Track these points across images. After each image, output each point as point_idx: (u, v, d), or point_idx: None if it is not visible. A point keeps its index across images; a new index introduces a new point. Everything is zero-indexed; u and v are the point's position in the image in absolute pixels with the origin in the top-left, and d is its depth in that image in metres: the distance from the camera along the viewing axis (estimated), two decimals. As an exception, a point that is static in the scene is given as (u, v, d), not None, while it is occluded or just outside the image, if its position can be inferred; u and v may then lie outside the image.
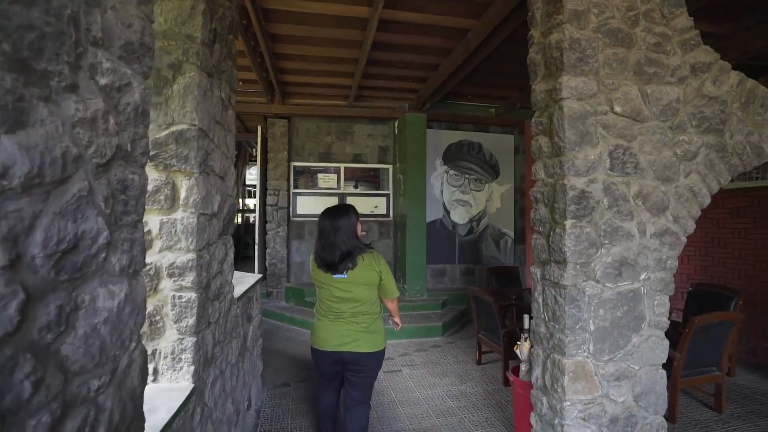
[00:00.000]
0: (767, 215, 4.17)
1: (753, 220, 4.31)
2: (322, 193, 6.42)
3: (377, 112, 6.10)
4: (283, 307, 5.89)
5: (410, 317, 5.26)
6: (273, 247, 6.07)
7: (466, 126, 6.55)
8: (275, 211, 6.08)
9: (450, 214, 6.36)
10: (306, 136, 6.39)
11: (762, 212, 4.23)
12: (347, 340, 2.16)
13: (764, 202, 4.21)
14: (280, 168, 6.08)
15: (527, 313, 4.87)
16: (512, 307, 4.51)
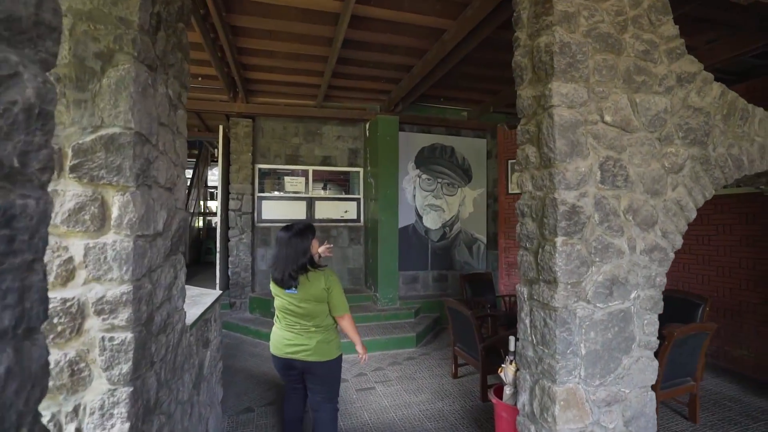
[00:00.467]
0: (729, 223, 4.30)
1: (715, 227, 4.44)
2: (290, 198, 6.10)
3: (348, 113, 5.85)
4: (248, 318, 5.52)
5: (383, 328, 5.05)
6: (236, 255, 5.68)
7: (438, 129, 6.43)
8: (239, 217, 5.69)
9: (422, 219, 6.22)
10: (272, 137, 6.04)
11: (724, 220, 4.35)
12: (298, 348, 2.27)
13: (726, 209, 4.33)
14: (244, 170, 5.70)
15: (502, 323, 4.83)
16: (488, 317, 4.40)
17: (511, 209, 6.05)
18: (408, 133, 6.20)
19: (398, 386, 3.75)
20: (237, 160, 5.69)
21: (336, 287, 2.29)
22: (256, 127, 5.97)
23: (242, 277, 5.70)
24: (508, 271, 6.11)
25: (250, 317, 5.58)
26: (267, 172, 6.11)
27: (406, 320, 5.39)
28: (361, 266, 6.31)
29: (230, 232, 5.65)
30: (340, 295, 2.32)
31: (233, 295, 5.67)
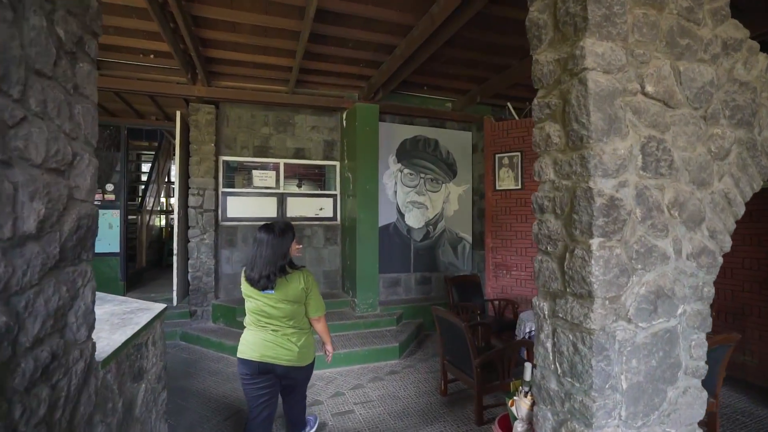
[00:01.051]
0: (730, 220, 4.06)
1: (715, 225, 4.20)
2: (258, 194, 5.52)
3: (323, 101, 5.32)
4: (210, 329, 4.91)
5: (362, 337, 4.57)
6: (197, 258, 5.06)
7: (421, 120, 6.00)
8: (200, 215, 5.07)
9: (404, 217, 5.77)
10: (238, 126, 5.44)
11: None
12: (280, 353, 2.20)
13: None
14: (206, 163, 5.08)
15: (493, 330, 4.42)
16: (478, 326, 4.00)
17: (499, 206, 5.69)
18: (389, 124, 5.74)
19: (381, 408, 3.28)
20: (198, 150, 5.06)
21: (314, 288, 2.28)
22: (220, 115, 5.36)
23: (204, 282, 5.09)
24: (495, 272, 5.75)
25: (213, 327, 4.98)
26: (233, 165, 5.51)
27: (387, 328, 4.93)
28: (337, 268, 5.81)
29: (190, 231, 5.03)
30: (318, 295, 2.31)
31: (194, 303, 5.05)
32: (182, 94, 4.77)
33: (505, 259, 5.68)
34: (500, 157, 5.74)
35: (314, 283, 2.28)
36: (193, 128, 5.04)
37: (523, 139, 5.58)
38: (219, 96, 4.90)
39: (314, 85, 5.32)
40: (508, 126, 5.73)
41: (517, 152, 5.60)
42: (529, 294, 5.47)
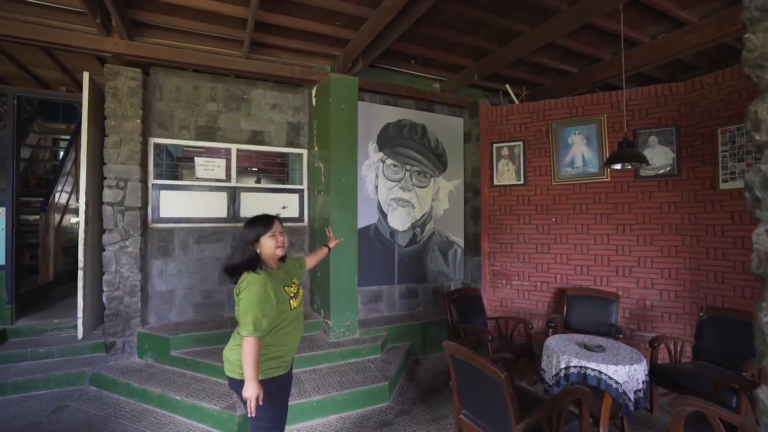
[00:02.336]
0: None
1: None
2: (203, 187, 4.31)
3: (287, 70, 4.22)
4: (133, 367, 3.66)
5: (339, 373, 3.53)
6: (116, 271, 3.79)
7: (407, 102, 5.04)
8: (120, 214, 3.80)
9: (387, 217, 4.79)
10: (176, 100, 4.21)
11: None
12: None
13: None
14: (129, 145, 3.82)
15: (512, 361, 3.44)
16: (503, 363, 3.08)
17: (497, 205, 4.85)
18: (369, 104, 4.73)
19: (376, 493, 2.28)
20: (117, 128, 3.79)
21: (246, 294, 1.79)
22: (151, 84, 4.11)
23: (126, 304, 3.82)
24: (493, 282, 4.91)
25: (138, 365, 3.73)
26: (168, 150, 4.27)
27: (370, 357, 3.92)
28: (305, 281, 4.72)
29: (106, 236, 3.75)
30: (246, 306, 1.78)
31: (110, 332, 3.77)
32: (91, 49, 3.48)
33: (504, 267, 4.85)
34: (498, 147, 4.91)
35: (250, 288, 1.79)
36: (110, 98, 3.76)
37: (525, 126, 4.77)
38: (146, 55, 3.66)
39: (276, 51, 4.21)
40: (507, 111, 4.90)
41: (518, 141, 4.79)
42: (533, 308, 4.67)
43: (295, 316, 1.99)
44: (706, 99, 3.85)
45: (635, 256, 4.21)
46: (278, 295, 1.87)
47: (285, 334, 1.93)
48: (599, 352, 2.85)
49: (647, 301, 4.16)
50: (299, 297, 2.03)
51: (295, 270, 2.19)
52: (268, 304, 1.80)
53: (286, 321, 1.92)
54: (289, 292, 1.97)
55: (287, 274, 2.08)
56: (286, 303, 1.92)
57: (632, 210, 4.23)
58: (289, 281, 2.04)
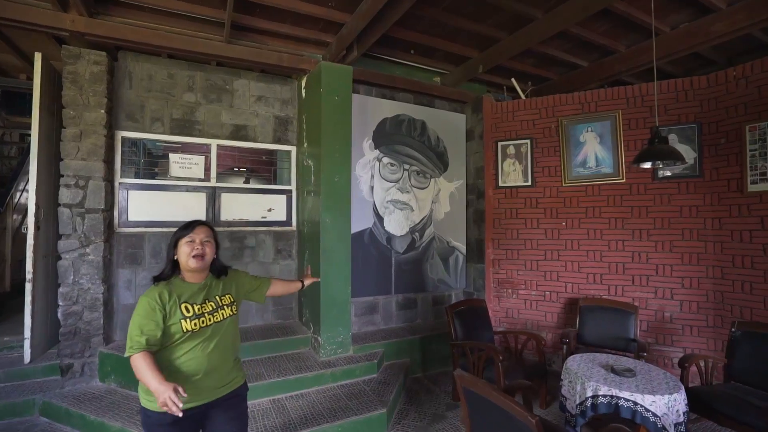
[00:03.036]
0: None
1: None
2: (179, 188, 3.86)
3: (274, 57, 3.80)
4: (92, 394, 3.18)
5: (331, 398, 3.11)
6: (75, 283, 3.31)
7: (405, 96, 4.65)
8: (79, 217, 3.33)
9: (383, 221, 4.38)
10: (148, 90, 3.76)
11: None
12: None
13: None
14: (91, 138, 3.35)
15: (532, 389, 3.00)
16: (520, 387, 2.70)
17: (503, 208, 4.49)
18: (364, 97, 4.33)
19: None
20: (77, 119, 3.32)
21: (133, 315, 1.56)
22: (119, 70, 3.65)
23: (85, 319, 3.34)
24: (498, 291, 4.54)
25: (99, 390, 3.25)
26: (140, 145, 3.81)
27: (365, 377, 3.51)
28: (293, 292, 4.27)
29: (62, 243, 3.27)
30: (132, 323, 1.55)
31: (67, 353, 3.29)
32: (44, 26, 3.00)
33: (510, 275, 4.48)
34: (504, 146, 4.55)
35: (136, 311, 1.57)
36: (69, 85, 3.29)
37: (533, 122, 4.42)
38: (110, 36, 3.19)
39: (262, 36, 3.79)
40: (513, 107, 4.55)
41: (525, 139, 4.44)
42: (542, 320, 4.31)
43: (196, 339, 1.64)
44: (732, 93, 3.54)
45: (653, 263, 3.88)
46: (169, 311, 1.58)
47: (177, 358, 1.60)
48: (630, 377, 2.49)
49: (666, 312, 3.82)
50: (212, 318, 1.69)
51: (235, 288, 1.88)
52: (152, 320, 1.54)
53: (178, 344, 1.60)
54: (190, 310, 1.63)
55: (212, 290, 1.76)
56: (177, 323, 1.58)
57: (650, 214, 3.90)
58: (202, 299, 1.70)
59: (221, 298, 1.77)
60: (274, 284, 2.10)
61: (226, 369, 1.76)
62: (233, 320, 1.81)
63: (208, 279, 1.78)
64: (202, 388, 1.67)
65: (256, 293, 2.00)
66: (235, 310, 1.83)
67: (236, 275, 1.93)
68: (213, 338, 1.69)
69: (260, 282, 2.03)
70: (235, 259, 4.04)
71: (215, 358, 1.70)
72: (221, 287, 1.81)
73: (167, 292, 1.62)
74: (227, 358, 1.78)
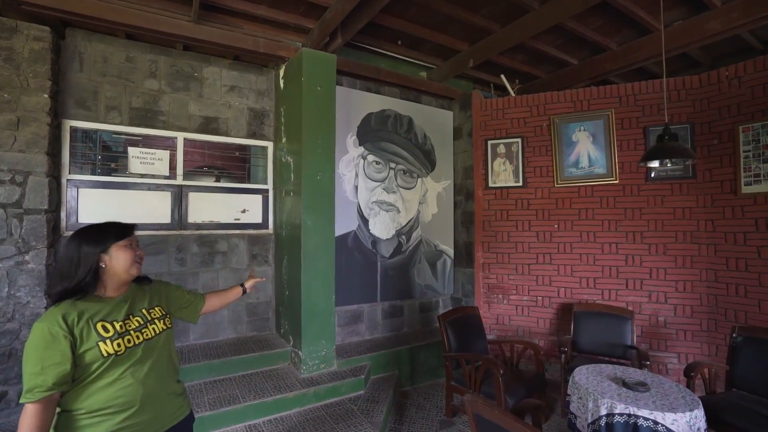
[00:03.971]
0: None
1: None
2: (140, 186, 3.41)
3: (249, 42, 3.43)
4: (31, 425, 2.69)
5: (314, 422, 2.77)
6: (10, 296, 2.81)
7: (391, 90, 4.38)
8: (16, 219, 2.83)
9: (368, 223, 4.08)
10: (103, 74, 3.30)
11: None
12: None
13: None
14: (32, 127, 2.87)
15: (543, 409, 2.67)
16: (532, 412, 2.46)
17: (493, 210, 4.29)
18: (347, 90, 4.02)
19: None
20: (13, 104, 2.83)
21: (26, 343, 1.22)
22: (67, 50, 3.18)
23: (23, 339, 2.84)
24: (488, 297, 4.33)
25: (39, 421, 2.76)
26: (91, 137, 3.34)
27: (351, 395, 3.19)
28: (269, 300, 3.91)
29: (-6, 249, 2.77)
30: (25, 358, 1.21)
31: (0, 379, 2.78)
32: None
33: (501, 280, 4.28)
34: (494, 145, 4.36)
35: (32, 337, 1.21)
36: (2, 63, 2.80)
37: (524, 120, 4.25)
38: (56, 7, 2.73)
39: (236, 19, 3.41)
40: (503, 104, 4.37)
41: (516, 138, 4.26)
42: (534, 326, 4.14)
43: (122, 363, 1.30)
44: (725, 94, 3.49)
45: (647, 267, 3.78)
46: (80, 335, 1.24)
47: (100, 393, 1.26)
48: (644, 392, 2.30)
49: (660, 317, 3.73)
50: (140, 336, 1.37)
51: (165, 301, 1.58)
52: (55, 350, 1.20)
53: (99, 375, 1.26)
54: (109, 330, 1.30)
55: (135, 302, 1.44)
56: (93, 348, 1.25)
57: (643, 216, 3.80)
58: (124, 314, 1.37)
59: (149, 312, 1.45)
60: (209, 299, 1.78)
61: (166, 396, 1.43)
62: (168, 335, 1.49)
63: (130, 290, 1.45)
64: (138, 426, 1.31)
65: (189, 311, 1.68)
66: (169, 323, 1.51)
67: (163, 286, 1.62)
68: (146, 360, 1.36)
69: (194, 298, 1.71)
70: (205, 266, 3.62)
71: (151, 383, 1.36)
72: (147, 299, 1.48)
73: (75, 311, 1.26)
74: (167, 383, 1.44)
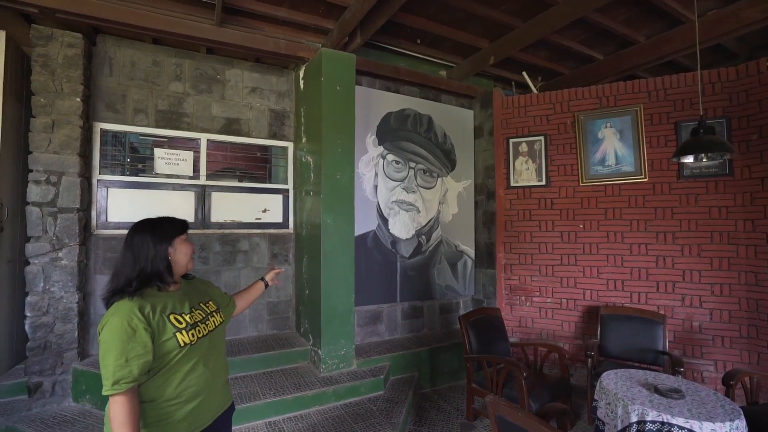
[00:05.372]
0: None
1: None
2: (165, 186, 3.52)
3: (270, 43, 3.48)
4: (64, 417, 2.81)
5: (333, 421, 2.76)
6: (45, 291, 2.94)
7: (410, 89, 4.36)
8: (50, 217, 2.97)
9: (388, 223, 4.06)
10: (131, 78, 3.42)
11: None
12: None
13: None
14: (66, 129, 3.00)
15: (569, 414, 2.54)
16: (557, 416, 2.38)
17: (515, 209, 4.20)
18: (367, 90, 4.02)
19: None
20: (48, 108, 2.96)
21: (105, 333, 1.20)
22: (98, 55, 3.31)
23: (57, 332, 2.97)
24: (510, 299, 4.23)
25: (72, 412, 2.88)
26: (120, 138, 3.46)
27: (371, 395, 3.17)
28: (289, 299, 3.94)
29: (30, 246, 2.90)
30: (104, 350, 1.19)
31: (35, 370, 2.91)
32: None
33: (523, 281, 4.18)
34: (516, 143, 4.27)
35: (107, 334, 1.19)
36: (39, 69, 2.94)
37: (547, 118, 4.15)
38: (86, 13, 2.85)
39: (257, 22, 3.47)
40: (525, 102, 4.27)
41: (539, 136, 4.16)
42: (558, 329, 4.01)
43: (195, 354, 1.34)
44: (765, 86, 3.30)
45: (679, 268, 3.60)
46: (157, 326, 1.27)
47: (175, 383, 1.29)
48: (678, 399, 2.18)
49: (695, 321, 3.54)
50: (205, 328, 1.42)
51: (214, 296, 1.63)
52: (138, 343, 1.21)
53: (174, 365, 1.29)
54: (181, 321, 1.33)
55: (192, 297, 1.47)
56: (171, 338, 1.28)
57: (675, 215, 3.63)
58: (188, 308, 1.40)
59: (206, 305, 1.50)
60: (237, 302, 1.79)
61: (223, 384, 1.50)
62: (223, 329, 1.56)
63: (183, 285, 1.49)
64: (203, 411, 1.37)
65: (226, 311, 1.70)
66: (223, 316, 1.57)
67: (207, 284, 1.65)
68: (211, 350, 1.42)
69: (229, 299, 1.75)
70: (227, 265, 3.69)
71: (216, 372, 1.44)
72: (200, 294, 1.53)
73: (148, 305, 1.28)
74: (221, 373, 1.50)
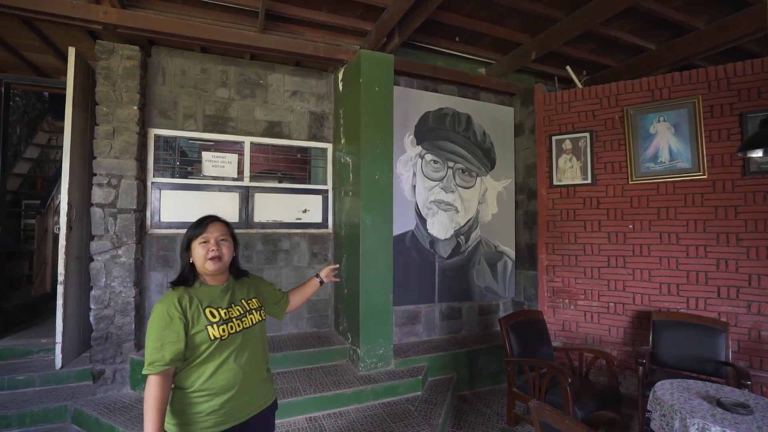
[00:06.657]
0: None
1: None
2: (211, 187, 3.69)
3: (310, 47, 3.56)
4: (123, 403, 3.02)
5: (371, 420, 2.79)
6: (106, 285, 3.18)
7: (448, 88, 4.31)
8: (111, 218, 3.20)
9: (426, 223, 4.04)
10: (181, 85, 3.62)
11: None
12: None
13: None
14: (124, 136, 3.23)
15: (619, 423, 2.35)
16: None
17: (558, 209, 4.04)
18: (405, 89, 4.02)
19: None
20: (110, 116, 3.20)
21: (149, 320, 1.35)
22: (152, 66, 3.53)
23: (117, 324, 3.20)
24: (552, 301, 4.08)
25: (131, 398, 3.09)
26: (171, 143, 3.68)
27: (408, 395, 3.17)
28: (329, 298, 4.02)
29: (94, 244, 3.15)
30: (148, 335, 1.33)
31: (99, 359, 3.15)
32: (76, 18, 2.88)
33: (567, 284, 4.02)
34: (559, 141, 4.11)
35: (154, 316, 1.33)
36: (102, 80, 3.18)
37: (593, 114, 3.96)
38: (142, 27, 3.05)
39: (298, 27, 3.57)
40: (569, 97, 4.10)
41: (584, 133, 3.98)
42: (605, 335, 3.82)
43: (226, 348, 1.40)
44: None
45: (744, 273, 3.32)
46: (192, 318, 1.36)
47: (206, 375, 1.36)
48: (746, 415, 2.01)
49: (763, 331, 3.25)
50: (240, 324, 1.47)
51: (261, 294, 1.67)
52: (172, 330, 1.31)
53: (205, 357, 1.36)
54: (216, 315, 1.40)
55: (236, 293, 1.54)
56: (202, 330, 1.36)
57: (739, 215, 3.35)
58: (227, 303, 1.48)
59: (247, 302, 1.56)
60: (292, 298, 1.86)
61: (259, 382, 1.54)
62: (262, 327, 1.60)
63: (230, 281, 1.56)
64: (235, 407, 1.42)
65: (278, 308, 1.77)
66: (263, 315, 1.62)
67: (259, 281, 1.72)
68: (245, 347, 1.47)
69: (282, 296, 1.81)
70: (269, 263, 3.82)
71: (249, 369, 1.47)
72: (245, 290, 1.60)
73: (187, 296, 1.40)
74: (260, 370, 1.55)
